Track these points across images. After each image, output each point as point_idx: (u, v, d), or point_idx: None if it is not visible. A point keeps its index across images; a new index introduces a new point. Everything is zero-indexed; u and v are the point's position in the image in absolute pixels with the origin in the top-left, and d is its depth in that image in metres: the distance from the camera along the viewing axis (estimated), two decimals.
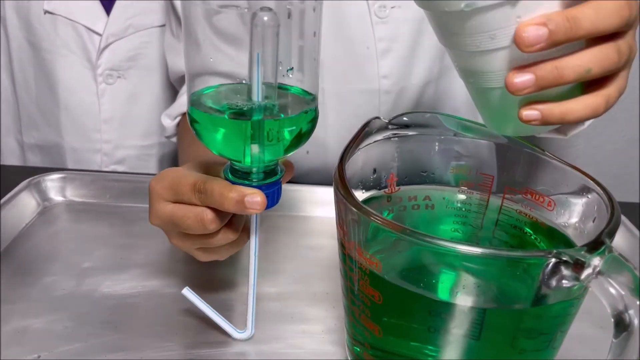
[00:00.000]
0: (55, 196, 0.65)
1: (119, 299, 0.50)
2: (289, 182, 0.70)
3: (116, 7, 0.85)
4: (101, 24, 0.85)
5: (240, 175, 0.41)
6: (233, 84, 0.41)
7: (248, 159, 0.39)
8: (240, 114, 0.39)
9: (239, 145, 0.39)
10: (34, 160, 0.93)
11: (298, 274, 0.55)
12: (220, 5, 0.37)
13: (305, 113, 0.40)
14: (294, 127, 0.39)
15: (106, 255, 0.56)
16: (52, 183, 0.65)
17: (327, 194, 0.66)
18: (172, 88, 0.90)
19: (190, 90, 0.41)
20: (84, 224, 0.62)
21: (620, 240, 0.62)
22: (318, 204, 0.65)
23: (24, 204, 0.62)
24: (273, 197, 0.41)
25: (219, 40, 0.39)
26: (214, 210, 0.41)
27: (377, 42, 0.71)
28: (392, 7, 0.70)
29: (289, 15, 0.37)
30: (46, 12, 0.84)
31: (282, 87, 0.40)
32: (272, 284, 0.53)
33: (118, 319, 0.48)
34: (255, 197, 0.39)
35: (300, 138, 0.40)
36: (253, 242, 0.44)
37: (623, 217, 0.64)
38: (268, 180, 0.41)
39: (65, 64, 0.86)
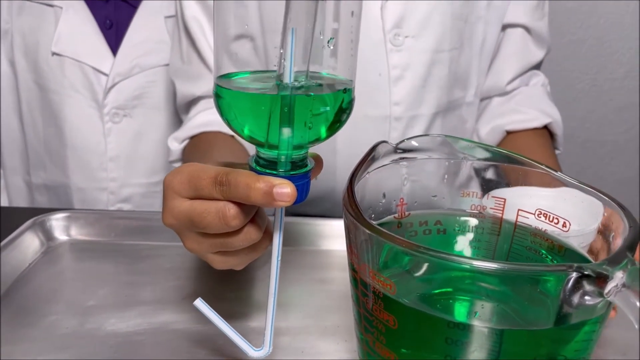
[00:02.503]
0: (60, 235, 0.64)
1: (124, 336, 0.49)
2: (298, 214, 0.70)
3: (122, 47, 0.86)
4: (107, 64, 0.86)
5: (267, 165, 0.38)
6: (266, 71, 0.38)
7: (275, 138, 0.36)
8: (270, 91, 0.36)
9: (267, 124, 0.36)
10: (41, 200, 0.93)
11: (308, 307, 0.54)
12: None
13: (343, 92, 0.37)
14: (329, 108, 0.37)
15: (111, 293, 0.55)
16: (57, 222, 0.65)
17: (335, 226, 0.65)
18: (178, 125, 0.90)
19: (219, 72, 0.38)
20: (88, 263, 0.61)
21: None
22: (327, 237, 0.64)
23: (28, 243, 0.61)
24: (302, 190, 0.38)
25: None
26: (237, 204, 0.38)
27: (391, 69, 0.72)
28: (406, 37, 0.72)
29: None
30: (54, 53, 0.85)
31: (316, 72, 0.37)
32: (282, 318, 0.51)
33: (123, 357, 0.46)
34: (284, 188, 0.36)
35: (336, 122, 0.38)
36: (276, 241, 0.40)
37: None
38: (297, 172, 0.38)
39: (72, 104, 0.87)
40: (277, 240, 0.40)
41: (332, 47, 0.36)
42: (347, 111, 0.38)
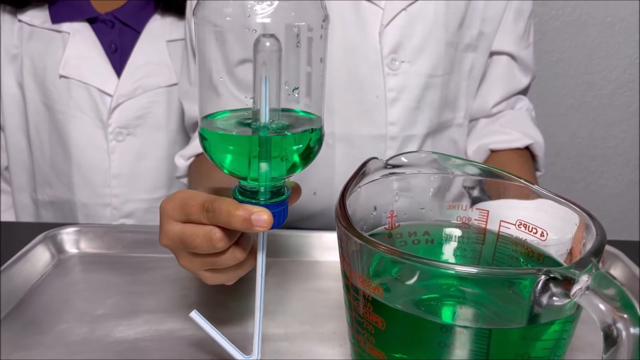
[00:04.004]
0: (70, 248, 0.67)
1: (132, 342, 0.52)
2: (297, 228, 0.74)
3: (126, 70, 0.91)
4: (112, 85, 0.90)
5: (248, 195, 0.42)
6: (243, 109, 0.42)
7: (254, 174, 0.41)
8: (247, 132, 0.40)
9: (245, 161, 0.40)
10: (46, 216, 0.96)
11: (305, 315, 0.56)
12: (239, 60, 0.40)
13: (311, 132, 0.41)
14: (299, 145, 0.41)
15: (119, 303, 0.58)
16: (67, 236, 0.68)
17: (331, 239, 0.68)
18: (179, 143, 0.94)
19: (202, 113, 0.43)
20: (97, 274, 0.64)
21: (620, 278, 0.63)
22: (324, 249, 0.67)
23: (40, 256, 0.64)
24: (279, 216, 0.42)
25: (234, 87, 0.42)
26: (223, 229, 0.42)
27: (388, 91, 0.76)
28: (402, 61, 0.76)
29: (298, 44, 0.39)
30: (61, 76, 0.89)
31: (288, 110, 0.42)
32: (281, 325, 0.54)
33: None
34: (262, 215, 0.40)
35: (306, 157, 0.42)
36: (259, 261, 0.44)
37: (623, 255, 0.66)
38: (275, 200, 0.42)
39: (77, 124, 0.90)
40: (260, 259, 0.44)
41: (297, 95, 0.41)
42: (316, 147, 0.43)
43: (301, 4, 0.39)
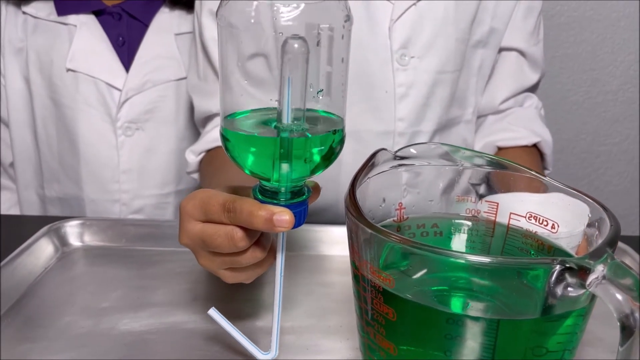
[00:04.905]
0: (74, 242, 0.67)
1: (137, 335, 0.51)
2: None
3: (135, 64, 0.90)
4: (120, 80, 0.89)
5: (269, 195, 0.42)
6: (265, 108, 0.42)
7: (276, 175, 0.41)
8: (270, 133, 0.40)
9: (268, 162, 0.40)
10: (54, 212, 0.95)
11: (311, 308, 0.56)
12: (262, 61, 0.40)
13: (333, 133, 0.41)
14: (322, 147, 0.41)
15: (123, 296, 0.58)
16: (71, 229, 0.67)
17: (336, 233, 0.67)
18: (187, 139, 0.93)
19: (225, 113, 0.42)
20: (101, 267, 0.63)
21: None
22: (330, 243, 0.67)
23: (43, 249, 0.64)
24: (300, 216, 0.42)
25: (251, 87, 0.42)
26: (244, 228, 0.42)
27: (397, 87, 0.76)
28: (411, 57, 0.75)
29: (318, 43, 0.39)
30: (68, 70, 0.88)
31: (311, 110, 0.41)
32: (288, 318, 0.54)
33: (136, 354, 0.49)
34: (283, 215, 0.40)
35: (328, 158, 0.42)
36: (279, 260, 0.44)
37: (630, 250, 0.65)
38: (295, 200, 0.42)
39: (85, 118, 0.89)
40: (279, 259, 0.45)
41: (321, 97, 0.41)
42: (337, 148, 0.43)
43: (324, 5, 0.39)
